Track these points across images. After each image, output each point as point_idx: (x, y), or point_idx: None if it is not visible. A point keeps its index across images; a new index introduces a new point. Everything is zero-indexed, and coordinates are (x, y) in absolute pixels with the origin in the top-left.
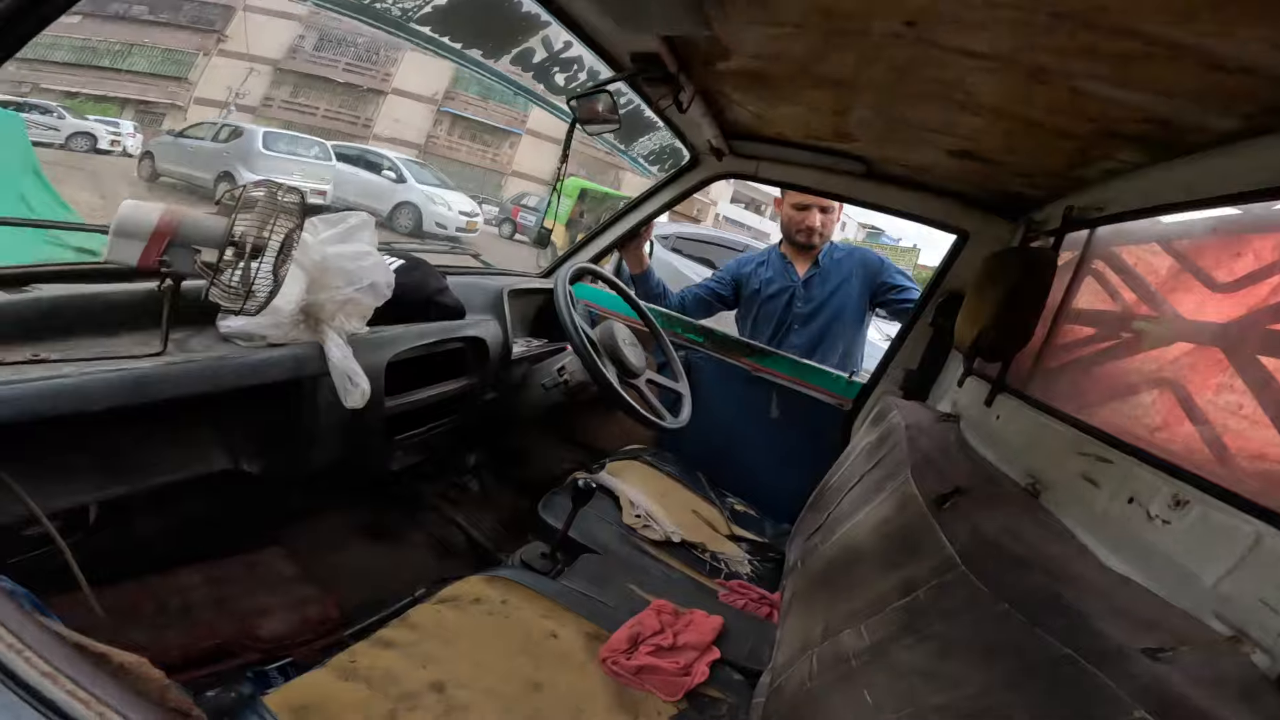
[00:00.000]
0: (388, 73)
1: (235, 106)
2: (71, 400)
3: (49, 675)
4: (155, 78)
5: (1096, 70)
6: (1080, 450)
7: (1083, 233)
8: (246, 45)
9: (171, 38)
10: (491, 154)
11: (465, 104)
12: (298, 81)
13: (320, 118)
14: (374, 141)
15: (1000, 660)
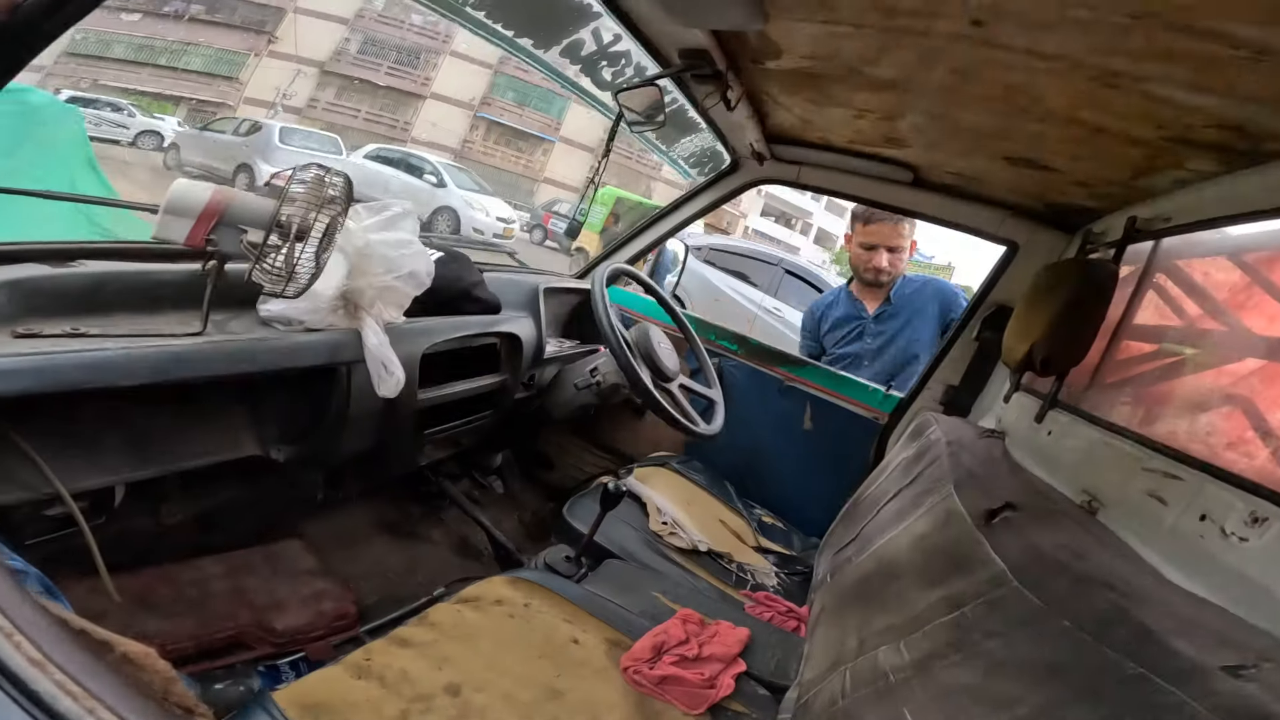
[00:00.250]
0: (427, 77)
1: (282, 107)
2: (109, 373)
3: (37, 663)
4: (208, 77)
5: (1173, 74)
6: (1145, 466)
7: (1144, 245)
8: (295, 47)
9: (225, 38)
10: (525, 160)
11: (501, 110)
12: (342, 84)
13: (362, 120)
14: (412, 145)
15: (1061, 679)
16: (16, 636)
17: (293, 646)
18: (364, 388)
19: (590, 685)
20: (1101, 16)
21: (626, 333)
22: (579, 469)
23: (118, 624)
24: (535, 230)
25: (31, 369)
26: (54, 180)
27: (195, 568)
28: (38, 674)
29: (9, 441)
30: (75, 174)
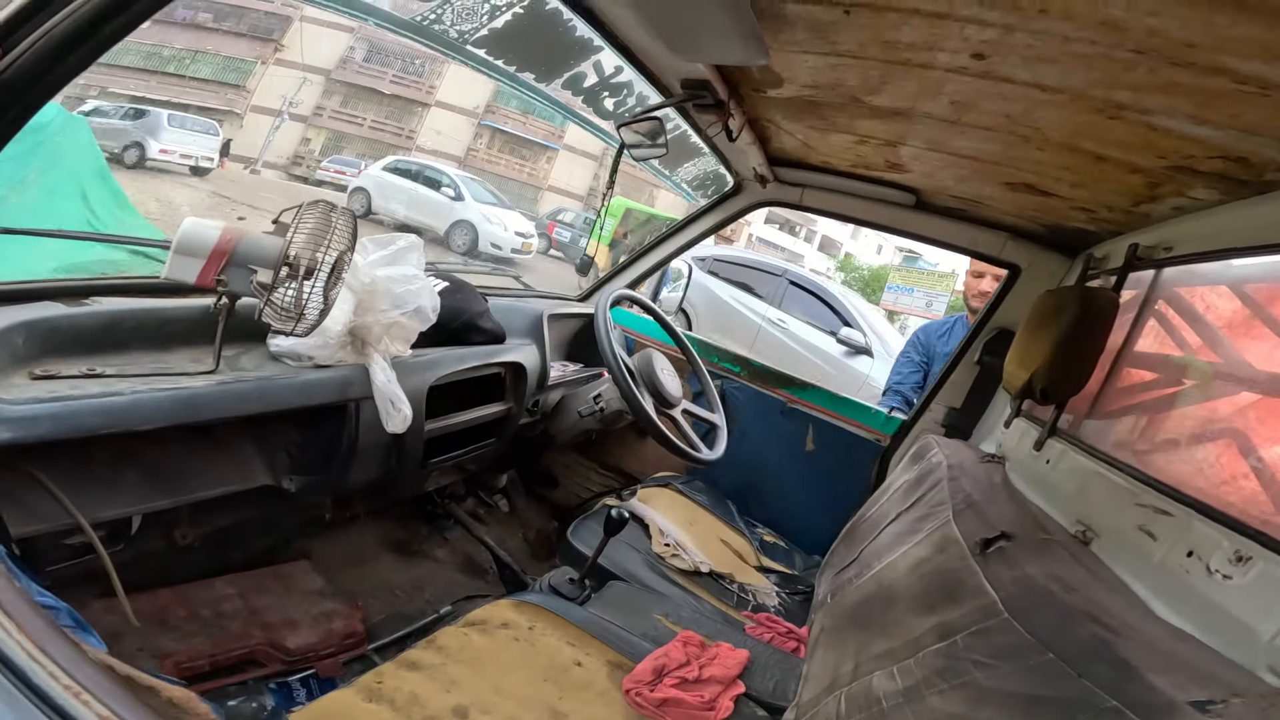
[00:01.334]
0: (432, 85)
1: (289, 115)
2: (125, 418)
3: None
4: (216, 85)
5: (1176, 106)
6: (1137, 500)
7: (1145, 272)
8: (301, 55)
9: (233, 45)
10: (529, 168)
11: (505, 118)
12: (347, 92)
13: (368, 127)
14: (417, 153)
15: (1043, 711)
16: (84, 695)
17: (303, 664)
18: (372, 422)
19: (593, 708)
20: (1104, 51)
21: (629, 360)
22: (584, 487)
23: (137, 643)
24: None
25: (49, 415)
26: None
27: (209, 588)
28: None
29: (31, 478)
30: (86, 183)
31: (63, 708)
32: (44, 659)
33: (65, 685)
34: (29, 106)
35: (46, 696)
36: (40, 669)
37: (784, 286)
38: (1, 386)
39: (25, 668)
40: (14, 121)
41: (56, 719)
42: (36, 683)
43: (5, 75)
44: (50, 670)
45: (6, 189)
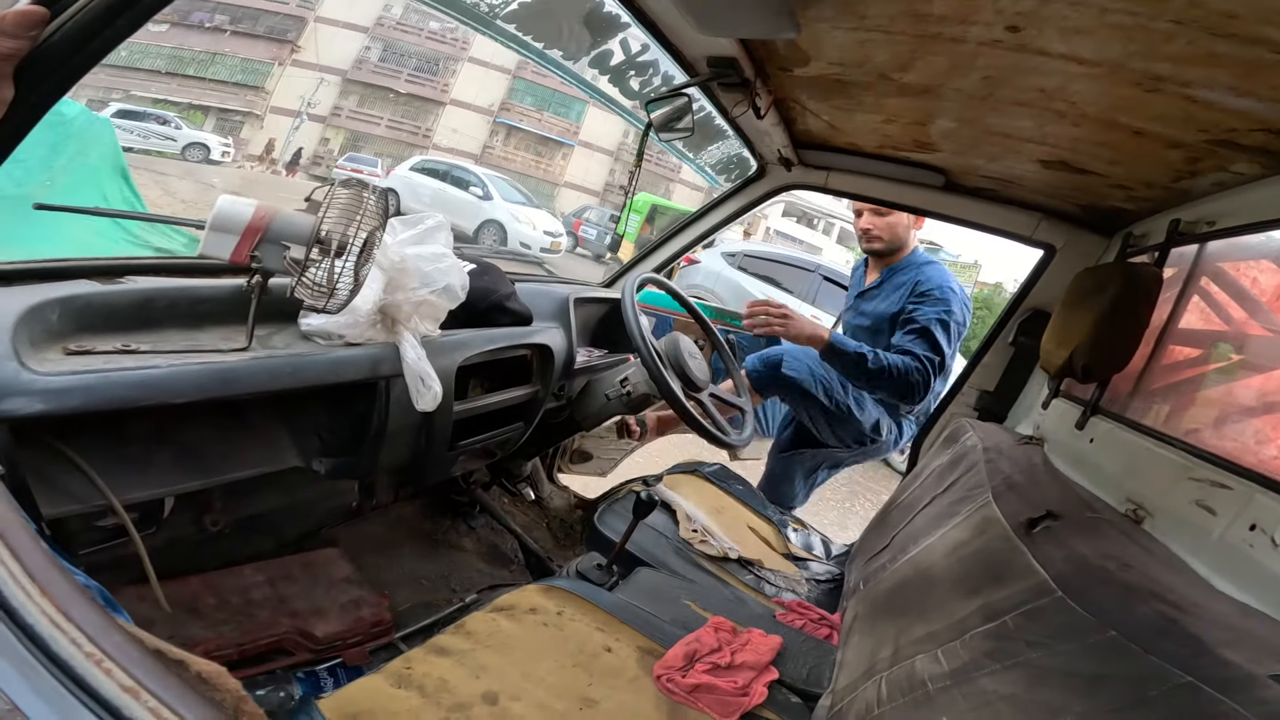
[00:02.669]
0: (447, 84)
1: (307, 116)
2: (158, 391)
3: (130, 690)
4: (235, 86)
5: (1217, 78)
6: (1191, 475)
7: (1185, 248)
8: (317, 55)
9: (250, 47)
10: (545, 165)
11: (520, 115)
12: (364, 92)
13: (384, 127)
14: (433, 151)
15: (1107, 688)
16: (107, 663)
17: (331, 653)
18: (402, 401)
19: (623, 694)
20: (1143, 22)
21: (657, 344)
22: None
23: (166, 630)
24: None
25: (83, 387)
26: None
27: (238, 575)
28: (132, 701)
29: (62, 456)
30: (106, 183)
31: (82, 676)
32: (67, 625)
33: (88, 653)
34: (74, 71)
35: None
36: (62, 635)
37: (817, 282)
38: (35, 360)
39: (45, 634)
40: (58, 88)
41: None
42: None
43: (53, 39)
44: (73, 637)
45: (34, 185)
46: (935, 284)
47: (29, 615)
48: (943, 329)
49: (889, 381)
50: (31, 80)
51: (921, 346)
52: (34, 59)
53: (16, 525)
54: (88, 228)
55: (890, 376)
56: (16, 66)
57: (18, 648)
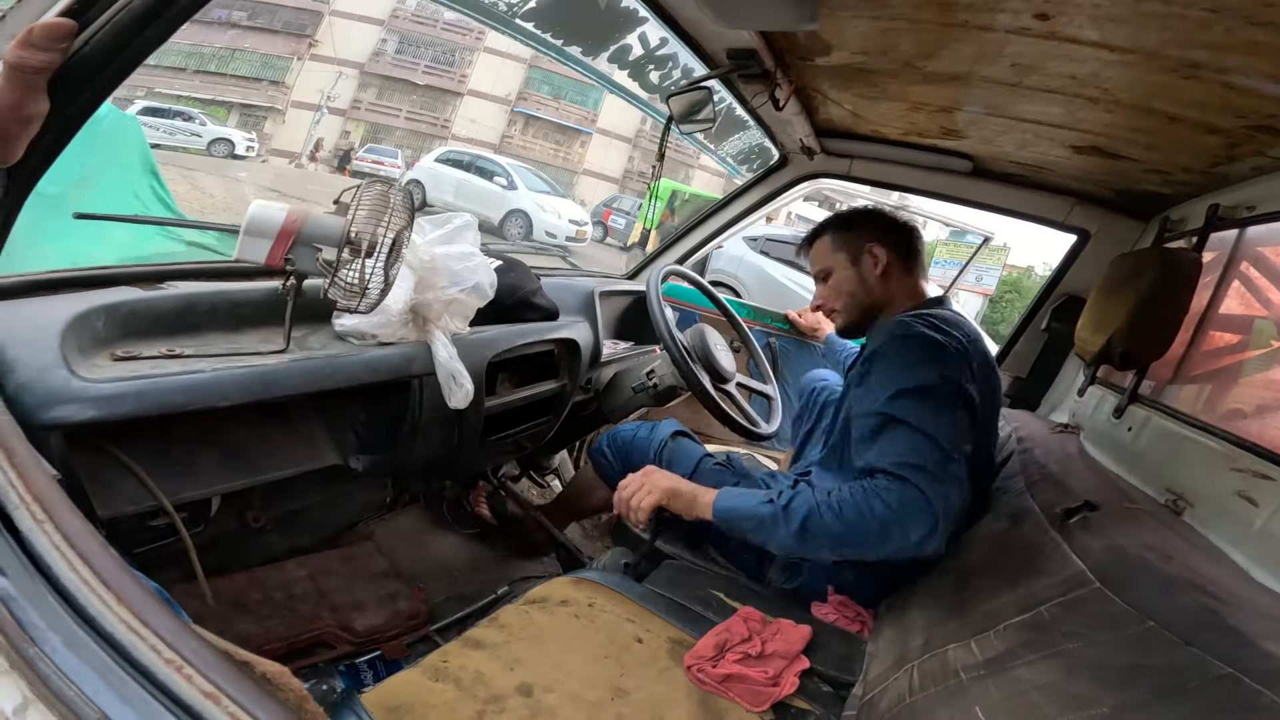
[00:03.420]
0: (464, 74)
1: (327, 109)
2: (207, 395)
3: (211, 696)
4: (256, 81)
5: (1255, 66)
6: (1234, 465)
7: (1224, 233)
8: (334, 49)
9: (269, 43)
10: (563, 153)
11: (538, 104)
12: (382, 84)
13: (404, 119)
14: (452, 141)
15: (1146, 679)
16: (186, 669)
17: (370, 646)
18: (434, 398)
19: (655, 684)
20: (1178, 10)
21: (683, 336)
22: None
23: (216, 626)
24: (596, 227)
25: (134, 393)
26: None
27: (280, 570)
28: (213, 707)
29: (114, 459)
30: (137, 180)
31: (164, 682)
32: (145, 631)
33: (168, 659)
34: (108, 82)
35: (148, 671)
36: (141, 642)
37: None
38: (85, 367)
39: (125, 641)
40: (92, 99)
41: (159, 694)
42: (137, 657)
43: (84, 51)
44: (152, 643)
45: (69, 186)
46: (887, 336)
47: (108, 623)
48: (911, 402)
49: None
50: (66, 92)
51: (882, 452)
52: (66, 71)
53: (85, 533)
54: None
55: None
56: (50, 80)
57: (101, 656)
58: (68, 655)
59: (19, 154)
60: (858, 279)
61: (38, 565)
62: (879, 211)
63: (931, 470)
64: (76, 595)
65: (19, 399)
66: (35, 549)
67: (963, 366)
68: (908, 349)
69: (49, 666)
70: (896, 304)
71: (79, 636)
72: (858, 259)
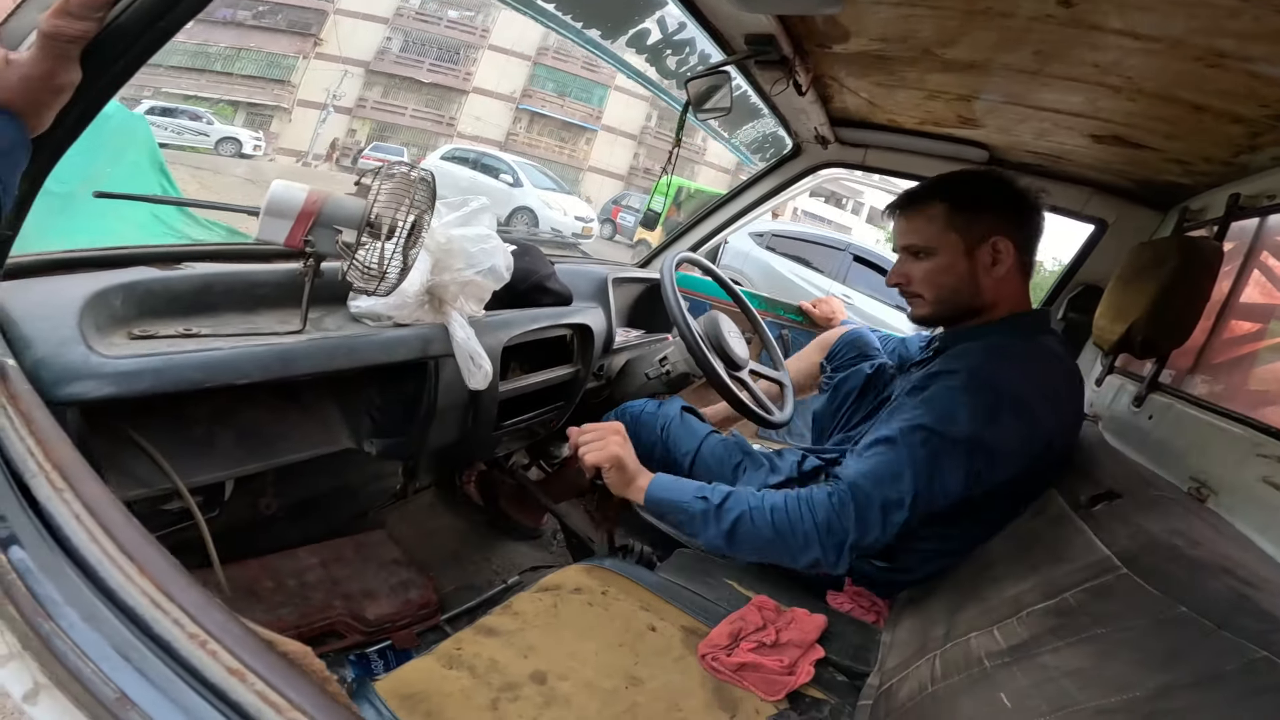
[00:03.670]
0: (468, 72)
1: (333, 108)
2: (223, 372)
3: (236, 672)
4: (262, 81)
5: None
6: (1259, 451)
7: (1244, 223)
8: (339, 48)
9: (273, 42)
10: (569, 150)
11: (542, 101)
12: (387, 83)
13: (409, 117)
14: (458, 139)
15: (1180, 664)
16: (211, 644)
17: (381, 635)
18: (450, 381)
19: (669, 673)
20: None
21: (695, 322)
22: None
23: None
24: (605, 225)
25: (152, 370)
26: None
27: (293, 558)
28: (238, 684)
29: (129, 440)
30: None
31: (187, 659)
32: (168, 604)
33: (191, 634)
34: (141, 53)
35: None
36: (164, 616)
37: (847, 261)
38: (102, 345)
39: (147, 616)
40: (125, 70)
41: (182, 671)
42: (158, 632)
43: (120, 20)
44: (175, 617)
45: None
46: (972, 362)
47: (129, 596)
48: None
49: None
50: (99, 63)
51: (857, 466)
52: (100, 41)
53: (107, 501)
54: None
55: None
56: (84, 49)
57: (122, 631)
58: (86, 630)
59: (47, 124)
60: (968, 274)
61: (55, 536)
62: (1009, 186)
63: (877, 503)
64: (97, 567)
65: (37, 374)
66: (54, 519)
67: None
68: (980, 396)
69: (66, 643)
70: (997, 311)
71: (98, 610)
72: (975, 249)
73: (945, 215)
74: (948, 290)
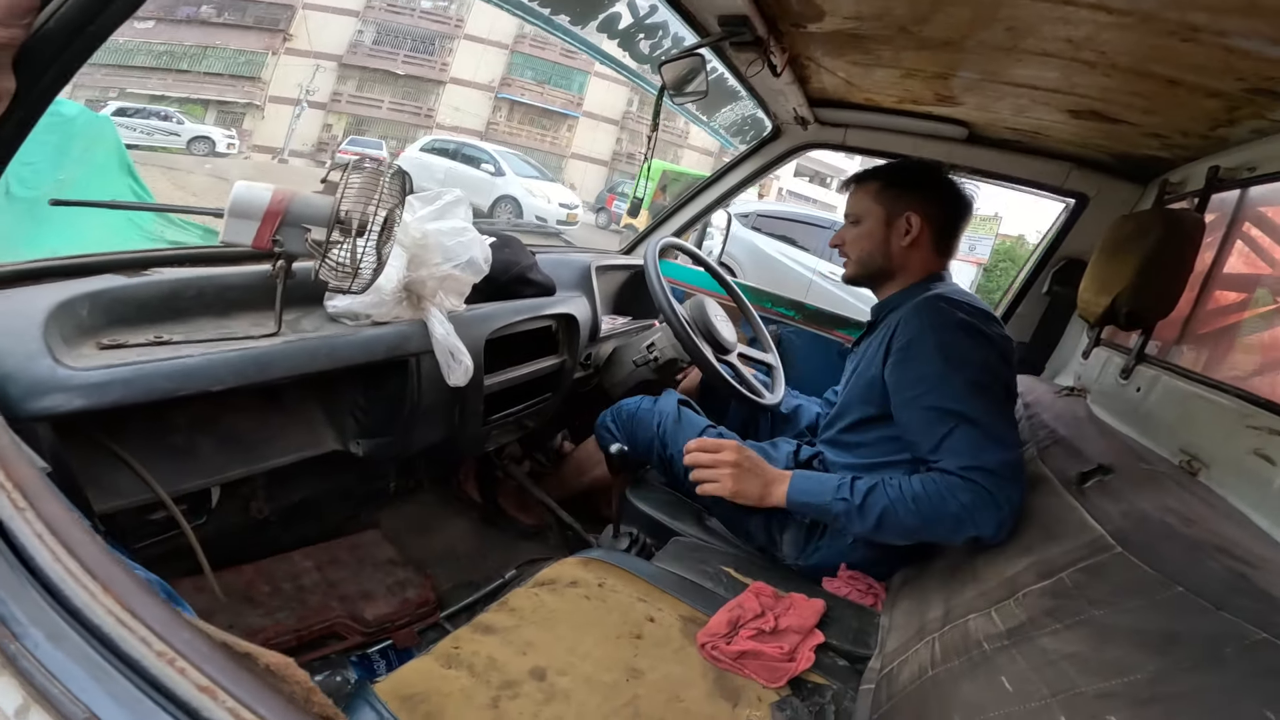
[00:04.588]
0: (444, 62)
1: (307, 103)
2: (198, 379)
3: (207, 690)
4: (231, 78)
5: (1255, 28)
6: (1249, 423)
7: (1227, 194)
8: (309, 42)
9: (241, 39)
10: (550, 138)
11: (522, 89)
12: (362, 76)
13: (386, 109)
14: (437, 130)
15: (1179, 646)
16: (179, 662)
17: (381, 635)
18: (433, 377)
19: (669, 664)
20: None
21: (682, 308)
22: None
23: (226, 620)
24: (600, 213)
25: (121, 380)
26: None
27: (288, 561)
28: (209, 701)
29: (106, 451)
30: (114, 181)
31: (156, 677)
32: (134, 622)
33: (159, 652)
34: (74, 58)
35: (138, 665)
36: (130, 634)
37: None
38: (70, 356)
39: (114, 634)
40: (59, 76)
41: (151, 690)
42: (126, 650)
43: (48, 26)
44: (142, 635)
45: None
46: (924, 321)
47: (94, 615)
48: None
49: (913, 522)
50: (31, 70)
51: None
52: (31, 48)
53: (69, 521)
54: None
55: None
56: (14, 57)
57: (87, 650)
58: (51, 650)
59: None
60: (882, 240)
61: (19, 555)
62: (939, 177)
63: (998, 472)
64: (60, 586)
65: (3, 390)
66: (16, 538)
67: (1003, 357)
68: (955, 340)
69: (32, 663)
70: (907, 276)
71: (63, 629)
72: (892, 220)
73: (876, 191)
74: (865, 253)
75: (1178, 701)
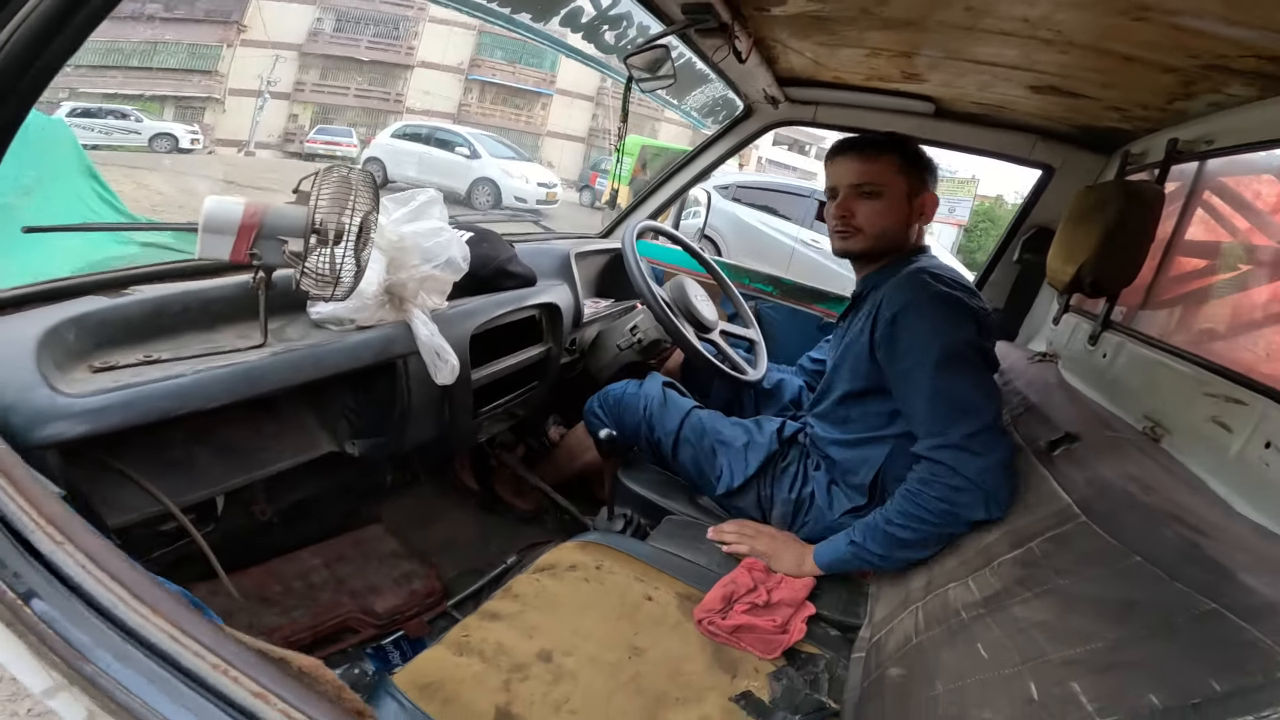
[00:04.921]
0: (410, 46)
1: (269, 94)
2: (192, 398)
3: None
4: (186, 73)
5: (1205, 8)
6: (1207, 390)
7: (1187, 165)
8: (266, 33)
9: (193, 32)
10: (525, 117)
11: (492, 70)
12: (325, 64)
13: (353, 96)
14: (408, 115)
15: (1135, 615)
16: (232, 671)
17: (393, 627)
18: (421, 377)
19: (668, 640)
20: None
21: (661, 290)
22: None
23: (245, 620)
24: (584, 192)
25: (119, 404)
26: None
27: (296, 560)
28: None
29: (115, 470)
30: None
31: (216, 687)
32: (185, 639)
33: (213, 664)
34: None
35: (198, 677)
36: (185, 650)
37: (814, 207)
38: (65, 382)
39: (171, 651)
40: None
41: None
42: (186, 665)
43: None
44: (195, 650)
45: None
46: (910, 294)
47: (150, 635)
48: (952, 367)
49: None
50: None
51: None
52: None
53: (106, 549)
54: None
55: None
56: None
57: (152, 666)
58: (122, 669)
59: None
60: (904, 218)
61: (67, 585)
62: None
63: (969, 448)
64: (113, 610)
65: (7, 422)
66: (62, 569)
67: (983, 328)
68: (937, 310)
69: (109, 681)
70: (903, 252)
71: (126, 650)
72: (914, 198)
73: (899, 164)
74: (883, 229)
75: (1134, 669)
